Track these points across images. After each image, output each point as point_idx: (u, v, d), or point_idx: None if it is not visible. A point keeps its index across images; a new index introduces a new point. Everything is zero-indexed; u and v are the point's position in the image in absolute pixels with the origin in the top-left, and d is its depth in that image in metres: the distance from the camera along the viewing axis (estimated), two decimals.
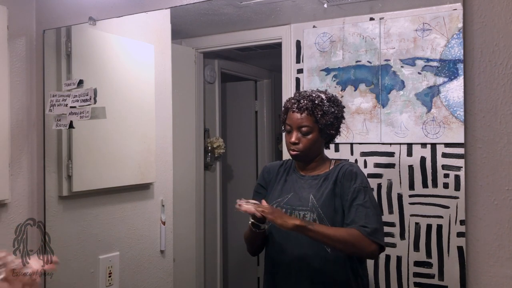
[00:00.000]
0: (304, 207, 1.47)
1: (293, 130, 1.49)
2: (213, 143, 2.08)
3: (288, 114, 1.51)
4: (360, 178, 1.45)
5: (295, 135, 1.48)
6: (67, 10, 1.92)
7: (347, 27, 1.64)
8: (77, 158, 1.91)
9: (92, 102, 1.73)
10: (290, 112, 1.50)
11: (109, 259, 1.93)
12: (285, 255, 1.49)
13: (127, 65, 2.00)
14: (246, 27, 1.88)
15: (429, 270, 1.50)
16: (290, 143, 1.49)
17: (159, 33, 2.01)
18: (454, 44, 1.46)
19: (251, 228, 1.48)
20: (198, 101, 2.08)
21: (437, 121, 1.49)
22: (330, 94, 1.52)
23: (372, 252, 1.41)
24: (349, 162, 1.56)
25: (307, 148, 1.48)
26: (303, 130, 1.47)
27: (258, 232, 1.48)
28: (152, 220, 2.01)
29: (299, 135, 1.48)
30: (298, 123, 1.47)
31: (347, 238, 1.38)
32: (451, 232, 1.46)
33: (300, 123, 1.47)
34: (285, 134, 1.53)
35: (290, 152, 1.51)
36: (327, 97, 1.49)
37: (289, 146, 1.50)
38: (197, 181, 2.08)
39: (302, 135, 1.48)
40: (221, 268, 2.11)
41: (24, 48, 1.97)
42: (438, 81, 1.49)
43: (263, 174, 1.63)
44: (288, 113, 1.51)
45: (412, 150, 1.53)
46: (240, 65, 2.18)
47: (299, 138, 1.48)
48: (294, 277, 1.48)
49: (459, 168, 1.43)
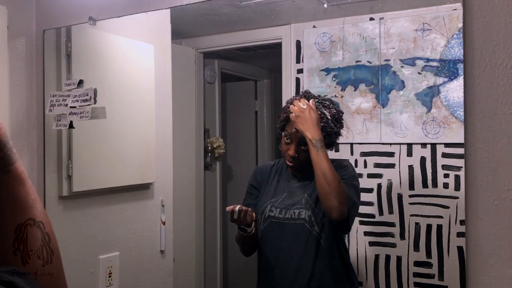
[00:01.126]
0: (299, 205, 1.47)
1: (293, 143, 1.48)
2: (213, 143, 2.08)
3: (289, 124, 1.49)
4: (349, 171, 1.47)
5: (295, 149, 1.47)
6: (67, 10, 1.92)
7: (347, 27, 1.64)
8: (77, 158, 1.91)
9: (92, 102, 1.73)
10: (291, 124, 1.48)
11: (109, 259, 1.93)
12: (279, 253, 1.50)
13: (127, 65, 2.00)
14: (246, 27, 1.88)
15: (429, 270, 1.50)
16: (289, 155, 1.48)
17: (159, 33, 2.01)
18: (454, 44, 1.46)
19: (239, 231, 1.52)
20: (198, 101, 2.08)
21: (437, 121, 1.49)
22: (334, 110, 1.49)
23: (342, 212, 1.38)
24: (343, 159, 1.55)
25: (305, 162, 1.46)
26: (304, 145, 1.45)
27: (246, 235, 1.51)
28: (152, 220, 2.01)
29: (299, 149, 1.47)
30: (299, 138, 1.46)
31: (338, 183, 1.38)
32: (451, 232, 1.46)
33: (302, 138, 1.45)
34: (283, 140, 1.51)
35: (287, 162, 1.51)
36: (331, 115, 1.47)
37: (287, 157, 1.50)
38: (197, 181, 2.08)
39: (302, 150, 1.47)
40: (221, 268, 2.11)
41: (24, 48, 1.96)
42: (438, 81, 1.49)
43: (255, 175, 1.63)
44: (289, 123, 1.49)
45: (412, 150, 1.53)
46: (240, 65, 2.18)
47: (298, 152, 1.47)
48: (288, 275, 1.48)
49: (459, 168, 1.43)
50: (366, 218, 1.57)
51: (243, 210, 1.44)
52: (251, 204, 1.59)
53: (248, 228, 1.50)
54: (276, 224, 1.50)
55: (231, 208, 1.44)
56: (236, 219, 1.45)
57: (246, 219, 1.46)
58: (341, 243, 1.52)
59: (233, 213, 1.44)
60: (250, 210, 1.48)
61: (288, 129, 1.50)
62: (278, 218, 1.50)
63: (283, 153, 1.52)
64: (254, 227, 1.53)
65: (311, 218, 1.45)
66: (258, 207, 1.56)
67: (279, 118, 1.56)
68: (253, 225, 1.51)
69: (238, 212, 1.43)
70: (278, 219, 1.50)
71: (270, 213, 1.51)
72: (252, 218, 1.49)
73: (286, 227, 1.49)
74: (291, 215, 1.47)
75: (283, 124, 1.53)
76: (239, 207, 1.44)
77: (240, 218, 1.44)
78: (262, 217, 1.53)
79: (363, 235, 1.60)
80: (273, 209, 1.51)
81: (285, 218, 1.49)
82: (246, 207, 1.46)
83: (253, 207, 1.58)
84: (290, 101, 1.52)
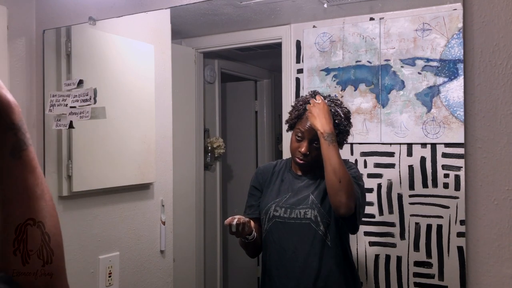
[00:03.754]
0: (304, 205, 1.47)
1: (305, 140, 1.48)
2: (213, 143, 2.08)
3: (302, 121, 1.49)
4: (355, 170, 1.47)
5: (307, 146, 1.47)
6: (67, 10, 1.92)
7: (347, 27, 1.64)
8: (77, 158, 1.91)
9: (92, 102, 1.73)
10: (304, 121, 1.48)
11: (109, 259, 1.93)
12: (284, 253, 1.50)
13: (127, 65, 2.00)
14: (246, 27, 1.88)
15: (429, 270, 1.50)
16: (300, 152, 1.48)
17: (159, 33, 2.01)
18: (454, 44, 1.46)
19: (241, 238, 1.52)
20: (198, 101, 2.08)
21: (437, 121, 1.49)
22: (346, 109, 1.51)
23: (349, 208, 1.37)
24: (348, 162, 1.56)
25: (316, 160, 1.46)
26: (316, 142, 1.45)
27: (248, 242, 1.52)
28: (152, 220, 2.01)
29: (311, 146, 1.47)
30: (312, 135, 1.46)
31: (349, 179, 1.37)
32: (451, 232, 1.46)
33: (315, 135, 1.44)
34: (293, 137, 1.51)
35: (297, 159, 1.50)
36: (344, 113, 1.49)
37: (297, 154, 1.49)
38: (197, 181, 2.08)
39: (314, 148, 1.47)
40: (221, 268, 2.11)
41: (24, 48, 1.96)
42: (438, 81, 1.49)
43: (257, 176, 1.62)
44: (302, 120, 1.49)
45: (412, 150, 1.53)
46: (240, 65, 2.18)
47: (310, 150, 1.47)
48: (293, 275, 1.48)
49: (459, 168, 1.43)
50: (366, 218, 1.57)
51: (241, 223, 1.42)
52: (254, 205, 1.59)
53: (249, 236, 1.50)
54: (281, 223, 1.50)
55: (229, 221, 1.42)
56: (235, 232, 1.43)
57: (245, 231, 1.45)
58: (346, 243, 1.52)
59: (231, 227, 1.42)
60: (248, 220, 1.47)
61: (301, 126, 1.49)
62: (283, 217, 1.49)
63: (292, 151, 1.51)
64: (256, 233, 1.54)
65: (317, 218, 1.45)
66: (261, 207, 1.55)
67: (289, 116, 1.55)
68: (254, 232, 1.51)
69: (236, 225, 1.41)
70: (283, 218, 1.49)
71: (275, 212, 1.50)
72: (251, 228, 1.49)
73: (291, 227, 1.48)
74: (296, 214, 1.47)
75: (294, 122, 1.53)
76: (236, 220, 1.42)
77: (238, 231, 1.43)
78: (266, 217, 1.53)
79: (363, 235, 1.60)
80: (277, 209, 1.51)
81: (290, 218, 1.48)
82: (244, 219, 1.44)
83: (256, 209, 1.58)
84: (303, 100, 1.51)
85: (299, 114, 1.50)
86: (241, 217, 1.44)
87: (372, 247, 1.60)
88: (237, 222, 1.42)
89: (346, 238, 1.52)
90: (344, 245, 1.50)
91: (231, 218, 1.43)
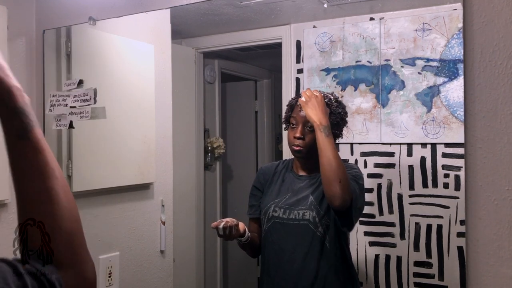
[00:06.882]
0: (303, 206, 1.47)
1: (299, 125, 1.48)
2: (213, 143, 2.08)
3: (294, 110, 1.51)
4: (355, 170, 1.47)
5: (301, 130, 1.48)
6: (67, 10, 1.92)
7: (347, 27, 1.64)
8: (77, 158, 1.91)
9: (92, 102, 1.73)
10: (296, 109, 1.50)
11: (109, 259, 1.93)
12: (282, 254, 1.50)
13: (127, 65, 2.00)
14: (246, 27, 1.88)
15: (429, 270, 1.50)
16: (295, 137, 1.48)
17: (159, 33, 2.01)
18: (454, 44, 1.46)
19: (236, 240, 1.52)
20: (198, 101, 2.08)
21: (437, 121, 1.49)
22: (337, 96, 1.53)
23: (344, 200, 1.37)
24: (349, 163, 1.56)
25: (311, 144, 1.46)
26: (309, 126, 1.46)
27: (242, 243, 1.52)
28: (152, 220, 2.01)
29: (305, 131, 1.48)
30: (305, 119, 1.47)
31: (343, 171, 1.37)
32: (451, 232, 1.46)
33: (308, 121, 1.46)
34: (289, 130, 1.52)
35: (293, 147, 1.50)
36: (335, 98, 1.51)
37: (293, 142, 1.49)
38: (197, 181, 2.08)
39: (308, 131, 1.48)
40: (221, 268, 2.11)
41: (24, 48, 1.96)
42: (438, 81, 1.49)
43: (258, 176, 1.63)
44: (294, 109, 1.51)
45: (412, 150, 1.53)
46: (240, 65, 2.18)
47: (304, 133, 1.48)
48: (291, 276, 1.48)
49: (459, 168, 1.43)
50: (366, 218, 1.57)
51: (228, 227, 1.42)
52: (255, 205, 1.59)
53: (242, 238, 1.50)
54: (280, 224, 1.49)
55: (215, 224, 1.42)
56: (222, 235, 1.43)
57: (232, 234, 1.44)
58: (345, 244, 1.51)
59: (217, 230, 1.42)
60: (236, 223, 1.46)
61: (295, 114, 1.50)
62: (282, 218, 1.49)
63: (290, 142, 1.51)
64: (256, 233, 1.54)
65: (315, 219, 1.44)
66: (261, 207, 1.55)
67: (285, 115, 1.57)
68: (247, 233, 1.50)
69: (223, 229, 1.41)
70: (281, 219, 1.49)
71: (274, 213, 1.50)
72: (239, 232, 1.47)
73: (290, 228, 1.48)
74: (295, 215, 1.47)
75: (288, 115, 1.54)
76: (223, 223, 1.42)
77: (226, 234, 1.43)
78: (265, 217, 1.53)
79: (363, 235, 1.60)
80: (276, 209, 1.50)
81: (289, 219, 1.48)
82: (232, 223, 1.43)
83: (257, 209, 1.58)
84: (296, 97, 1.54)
85: (291, 106, 1.53)
86: (229, 220, 1.44)
87: (372, 247, 1.60)
88: (224, 225, 1.41)
89: (345, 240, 1.52)
90: (343, 247, 1.50)
91: (218, 221, 1.43)
